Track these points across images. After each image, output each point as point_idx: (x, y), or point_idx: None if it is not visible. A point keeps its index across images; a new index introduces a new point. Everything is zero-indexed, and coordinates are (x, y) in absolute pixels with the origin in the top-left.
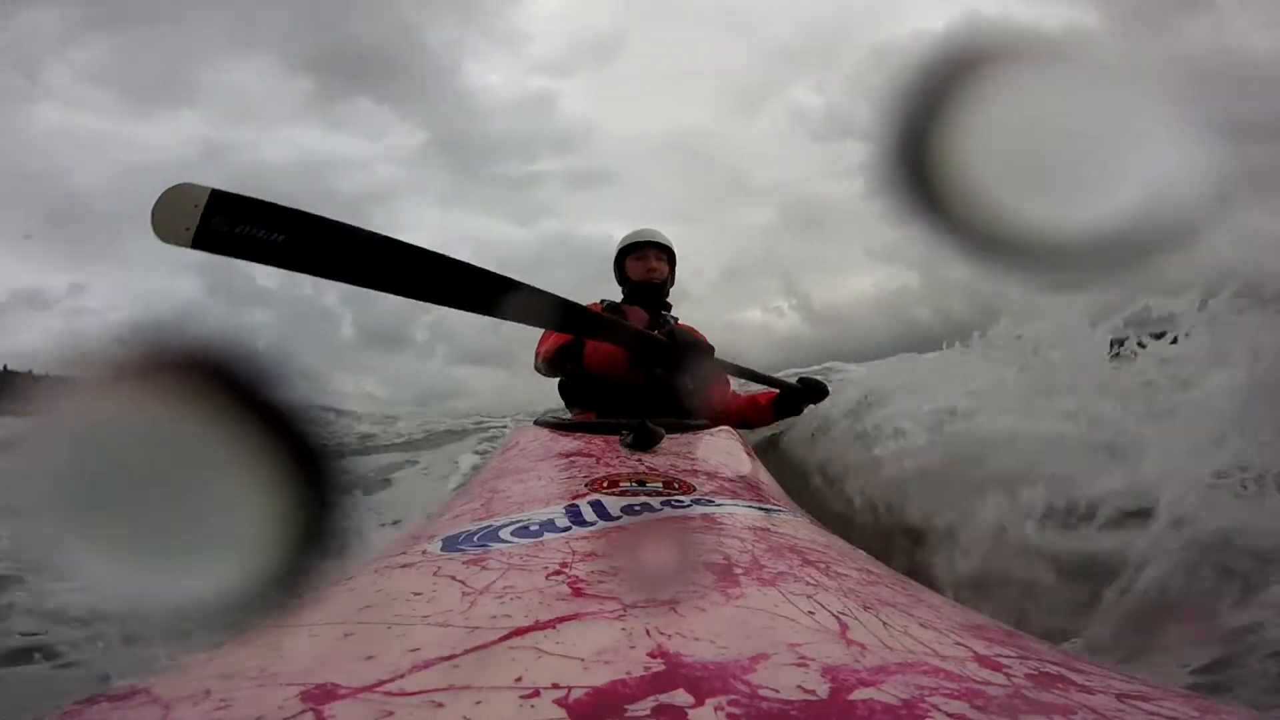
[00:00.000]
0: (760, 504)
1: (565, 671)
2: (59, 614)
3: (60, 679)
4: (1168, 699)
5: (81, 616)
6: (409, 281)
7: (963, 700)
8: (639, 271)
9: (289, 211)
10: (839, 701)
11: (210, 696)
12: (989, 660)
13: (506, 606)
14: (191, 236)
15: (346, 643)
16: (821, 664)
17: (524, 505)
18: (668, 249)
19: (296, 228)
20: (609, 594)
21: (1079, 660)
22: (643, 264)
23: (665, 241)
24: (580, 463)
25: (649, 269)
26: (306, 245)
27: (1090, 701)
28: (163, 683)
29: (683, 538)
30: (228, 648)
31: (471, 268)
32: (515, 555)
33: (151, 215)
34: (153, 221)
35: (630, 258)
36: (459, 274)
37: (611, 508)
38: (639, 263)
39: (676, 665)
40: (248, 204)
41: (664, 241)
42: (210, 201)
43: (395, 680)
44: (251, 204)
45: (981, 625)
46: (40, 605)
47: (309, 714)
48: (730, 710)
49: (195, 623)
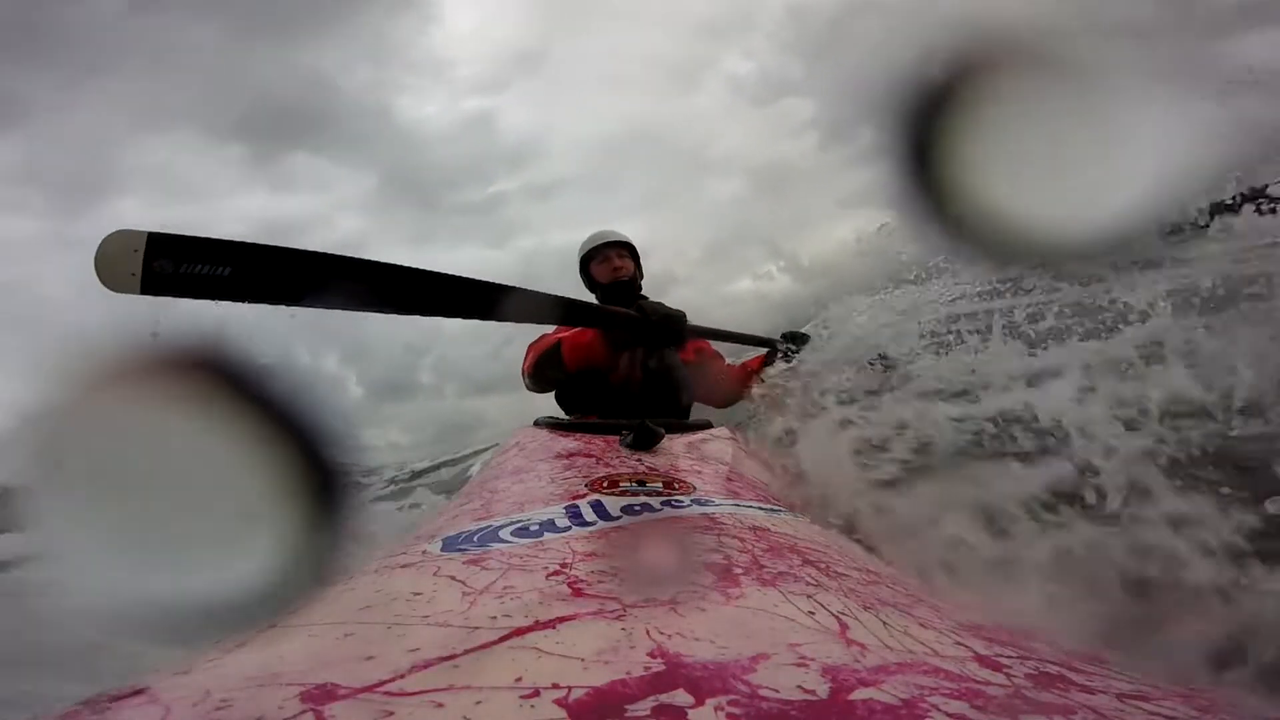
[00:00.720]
0: (760, 504)
1: (565, 671)
2: (65, 615)
3: (60, 680)
4: (1168, 699)
5: (92, 616)
6: (359, 294)
7: (963, 700)
8: (605, 274)
9: (229, 243)
10: (839, 701)
11: (210, 696)
12: (989, 660)
13: (506, 606)
14: (139, 282)
15: (346, 643)
16: (821, 664)
17: (524, 505)
18: (627, 245)
19: (240, 258)
20: (609, 594)
21: (1079, 660)
22: (607, 266)
23: (623, 238)
24: (580, 463)
25: (614, 269)
26: (254, 274)
27: (1090, 701)
28: (163, 683)
29: (683, 538)
30: (228, 648)
31: (418, 271)
32: (515, 555)
33: (95, 264)
34: (97, 271)
35: (593, 264)
36: (406, 280)
37: (611, 508)
38: (603, 265)
39: (676, 665)
40: (187, 242)
41: (621, 238)
42: (149, 244)
43: (395, 680)
44: (190, 241)
45: (982, 625)
46: (48, 606)
47: (309, 714)
48: (730, 710)
49: (197, 623)
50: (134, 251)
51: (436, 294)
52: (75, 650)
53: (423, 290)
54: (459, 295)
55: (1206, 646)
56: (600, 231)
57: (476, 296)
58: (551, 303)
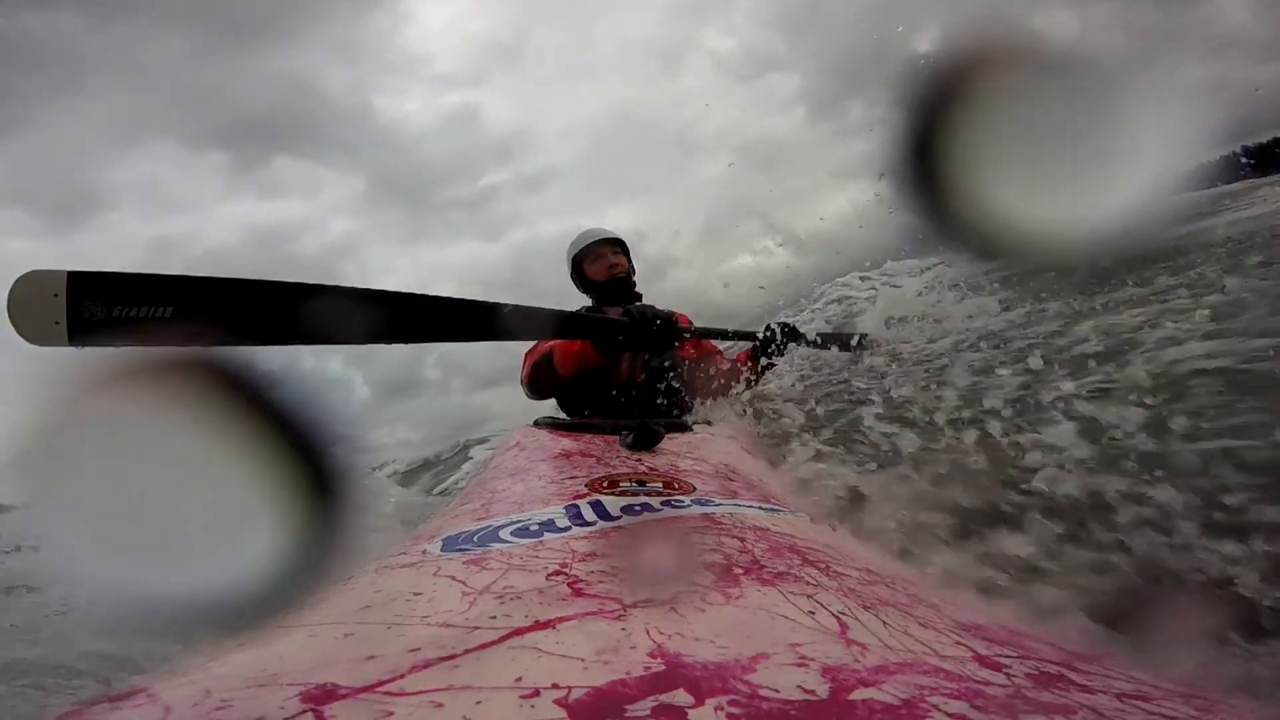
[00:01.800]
0: (760, 504)
1: (565, 671)
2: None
3: (61, 680)
4: (1168, 699)
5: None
6: (333, 326)
7: (963, 700)
8: (601, 272)
9: (168, 278)
10: (839, 701)
11: (210, 697)
12: (989, 660)
13: (506, 606)
14: (65, 331)
15: (346, 643)
16: (821, 664)
17: (524, 505)
18: (619, 240)
19: (184, 294)
20: (609, 594)
21: (1079, 660)
22: (602, 264)
23: (612, 234)
24: (580, 463)
25: (609, 266)
26: (204, 312)
27: (1090, 701)
28: (163, 683)
29: (683, 538)
30: (228, 648)
31: (403, 295)
32: (515, 555)
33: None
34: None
35: (586, 263)
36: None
37: (611, 508)
38: (597, 264)
39: (676, 665)
40: (116, 280)
41: (612, 235)
42: (71, 286)
43: (395, 680)
44: (121, 279)
45: (982, 625)
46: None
47: (309, 714)
48: (730, 710)
49: (199, 624)
50: (54, 296)
51: (420, 318)
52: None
53: (406, 315)
54: (445, 317)
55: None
56: (589, 230)
57: (464, 317)
58: (544, 318)
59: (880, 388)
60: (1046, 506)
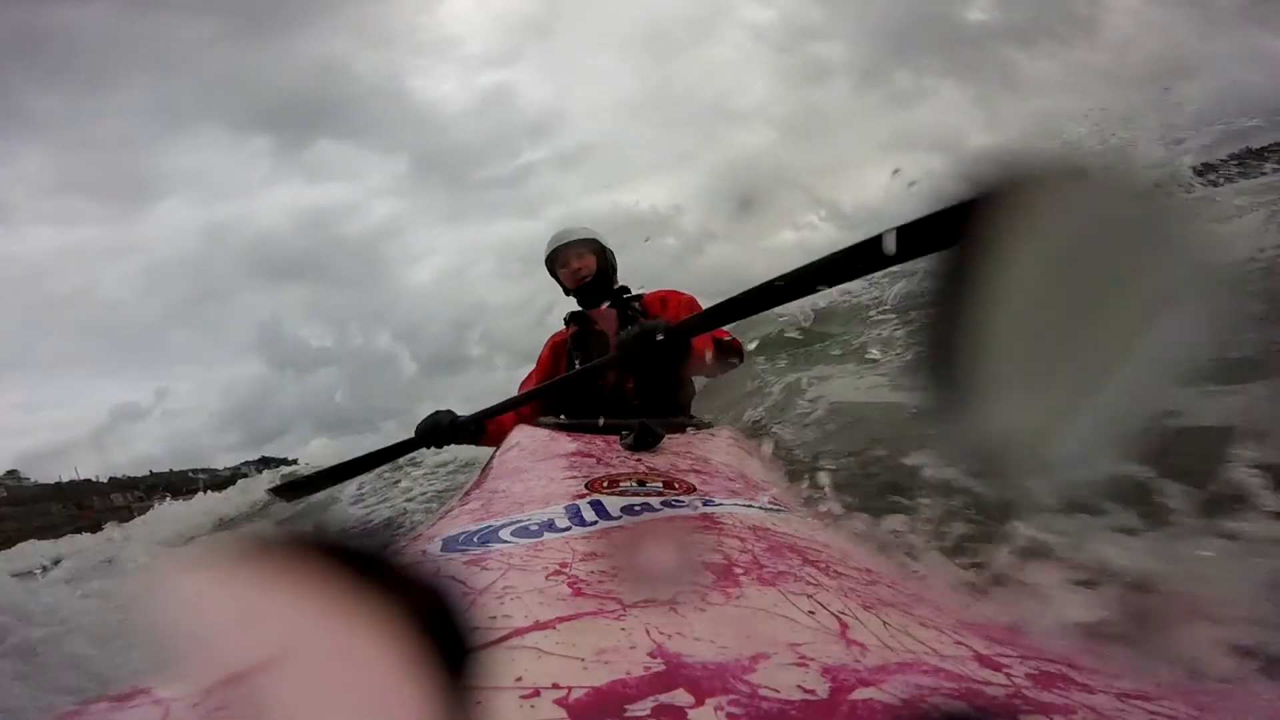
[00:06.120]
0: (760, 504)
1: (565, 671)
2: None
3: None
4: (1168, 699)
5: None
6: None
7: (963, 700)
8: (568, 279)
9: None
10: (839, 701)
11: (210, 697)
12: (989, 659)
13: (506, 607)
14: None
15: None
16: (821, 664)
17: (524, 505)
18: (586, 240)
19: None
20: (609, 594)
21: (1080, 659)
22: (566, 270)
23: (579, 235)
24: (580, 463)
25: (573, 273)
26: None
27: (1090, 701)
28: (163, 683)
29: (683, 538)
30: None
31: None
32: (515, 555)
33: None
34: None
35: (557, 269)
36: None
37: (611, 508)
38: (564, 270)
39: (676, 665)
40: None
41: (578, 237)
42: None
43: None
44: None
45: (982, 624)
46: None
47: None
48: (730, 710)
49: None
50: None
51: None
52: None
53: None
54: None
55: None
56: (559, 232)
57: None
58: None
59: None
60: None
